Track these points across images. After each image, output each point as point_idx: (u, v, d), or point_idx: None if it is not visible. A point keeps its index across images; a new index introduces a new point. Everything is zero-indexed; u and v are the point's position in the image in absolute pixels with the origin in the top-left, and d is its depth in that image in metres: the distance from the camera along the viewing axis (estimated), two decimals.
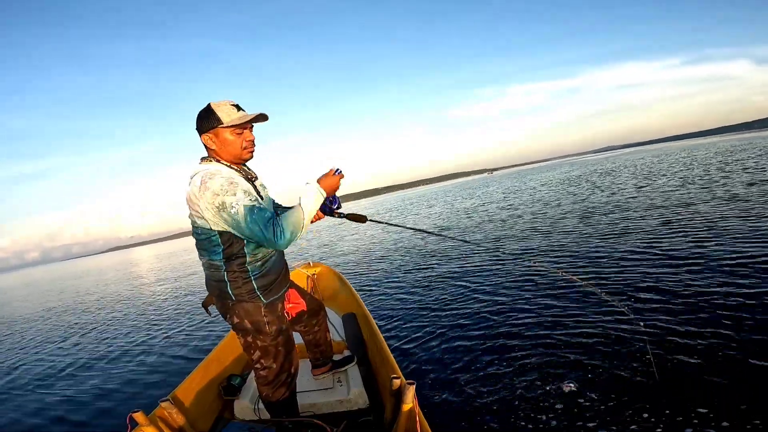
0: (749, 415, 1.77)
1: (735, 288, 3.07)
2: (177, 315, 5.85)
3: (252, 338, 1.71)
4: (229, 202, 1.44)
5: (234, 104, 1.58)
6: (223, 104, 1.57)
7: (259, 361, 1.76)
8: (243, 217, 1.43)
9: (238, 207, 1.44)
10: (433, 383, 2.53)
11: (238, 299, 1.64)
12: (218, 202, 1.44)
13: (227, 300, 1.66)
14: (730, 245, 4.16)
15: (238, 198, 1.45)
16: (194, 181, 1.54)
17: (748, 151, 17.30)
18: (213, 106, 1.56)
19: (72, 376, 3.95)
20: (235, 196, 1.45)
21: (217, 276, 1.63)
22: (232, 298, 1.64)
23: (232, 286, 1.62)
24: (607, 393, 2.11)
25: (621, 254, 4.60)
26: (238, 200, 1.44)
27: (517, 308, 3.56)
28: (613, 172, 19.86)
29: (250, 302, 1.65)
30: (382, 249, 8.84)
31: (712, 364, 2.18)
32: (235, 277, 1.60)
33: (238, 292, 1.62)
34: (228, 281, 1.61)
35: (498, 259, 5.64)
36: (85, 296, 10.11)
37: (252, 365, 1.81)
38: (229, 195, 1.44)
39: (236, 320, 1.68)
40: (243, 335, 1.73)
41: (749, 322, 2.53)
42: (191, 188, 1.55)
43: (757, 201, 6.17)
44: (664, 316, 2.83)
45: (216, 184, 1.46)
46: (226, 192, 1.44)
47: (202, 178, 1.50)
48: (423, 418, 1.53)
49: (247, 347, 1.75)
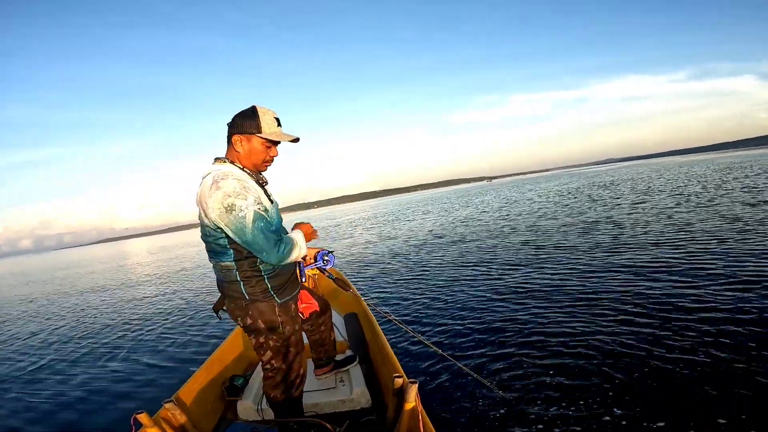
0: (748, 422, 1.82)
1: (736, 302, 3.13)
2: (179, 315, 5.80)
3: (264, 338, 1.70)
4: (239, 206, 1.44)
5: (276, 117, 1.59)
6: (268, 114, 1.57)
7: (269, 362, 1.74)
8: (250, 222, 1.44)
9: (247, 212, 1.45)
10: (435, 382, 2.56)
11: (252, 299, 1.63)
12: (227, 204, 1.44)
13: (240, 300, 1.64)
14: (726, 261, 4.22)
15: (249, 203, 1.46)
16: (206, 182, 1.53)
17: (746, 169, 17.44)
18: (259, 111, 1.55)
19: (75, 377, 3.87)
20: (246, 200, 1.46)
21: (230, 277, 1.62)
22: (246, 297, 1.63)
23: (245, 285, 1.61)
24: (607, 396, 2.16)
25: (611, 267, 4.66)
26: (249, 205, 1.45)
27: (518, 310, 3.63)
28: (611, 185, 19.99)
29: (264, 302, 1.65)
30: (382, 249, 8.87)
31: (707, 375, 2.23)
32: (248, 276, 1.60)
33: (251, 291, 1.62)
34: (241, 281, 1.61)
35: (498, 262, 5.69)
36: (83, 294, 10.04)
37: (261, 366, 1.80)
38: (240, 198, 1.45)
39: (249, 321, 1.67)
40: (255, 336, 1.71)
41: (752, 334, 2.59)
42: (202, 188, 1.54)
43: (750, 219, 6.26)
44: (655, 326, 2.88)
45: (229, 186, 1.46)
46: (237, 195, 1.45)
47: (214, 178, 1.50)
48: (426, 417, 1.55)
49: (259, 348, 1.73)
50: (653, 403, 2.08)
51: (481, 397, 2.32)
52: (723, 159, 36.54)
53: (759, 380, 2.13)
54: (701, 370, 2.31)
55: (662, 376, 2.31)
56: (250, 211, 1.44)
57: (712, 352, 2.47)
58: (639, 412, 2.01)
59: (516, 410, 2.15)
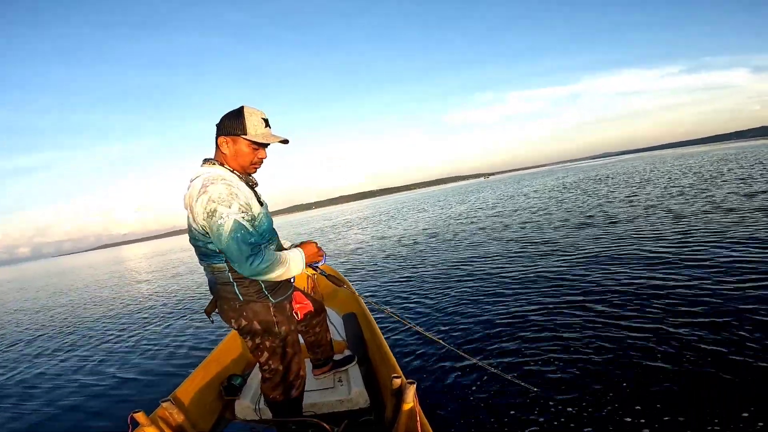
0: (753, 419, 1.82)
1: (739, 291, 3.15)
2: (177, 314, 5.82)
3: (260, 340, 1.67)
4: (220, 212, 1.41)
5: (265, 118, 1.56)
6: (255, 114, 1.53)
7: (267, 363, 1.71)
8: (227, 230, 1.41)
9: (227, 219, 1.41)
10: (433, 382, 2.56)
11: (246, 299, 1.61)
12: (210, 209, 1.41)
13: (234, 301, 1.62)
14: (730, 251, 4.24)
15: (232, 211, 1.42)
16: (194, 185, 1.50)
17: (740, 161, 17.54)
18: (245, 112, 1.52)
19: (72, 376, 3.89)
20: (230, 208, 1.42)
21: (222, 278, 1.60)
22: (240, 298, 1.61)
23: (239, 286, 1.59)
24: (608, 395, 2.15)
25: (608, 260, 4.68)
26: (230, 213, 1.42)
27: (518, 309, 3.62)
28: (608, 179, 20.06)
29: (259, 302, 1.63)
30: (381, 249, 8.87)
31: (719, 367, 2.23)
32: (241, 277, 1.57)
33: (245, 292, 1.60)
34: (234, 282, 1.58)
35: (498, 261, 5.69)
36: (81, 295, 10.01)
37: (259, 368, 1.78)
38: (223, 205, 1.41)
39: (244, 323, 1.64)
40: (251, 337, 1.68)
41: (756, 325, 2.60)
42: (190, 191, 1.51)
43: (747, 209, 6.29)
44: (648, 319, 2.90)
45: (215, 191, 1.43)
46: (222, 201, 1.42)
47: (203, 182, 1.47)
48: (423, 417, 1.55)
49: (255, 349, 1.70)
50: (654, 402, 2.08)
51: (480, 397, 2.31)
52: (717, 151, 36.73)
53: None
54: (700, 360, 2.32)
55: (658, 374, 2.31)
56: (230, 220, 1.41)
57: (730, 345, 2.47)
58: (641, 412, 2.00)
59: (516, 410, 2.14)
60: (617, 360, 2.48)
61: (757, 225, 5.24)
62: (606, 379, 2.30)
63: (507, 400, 2.24)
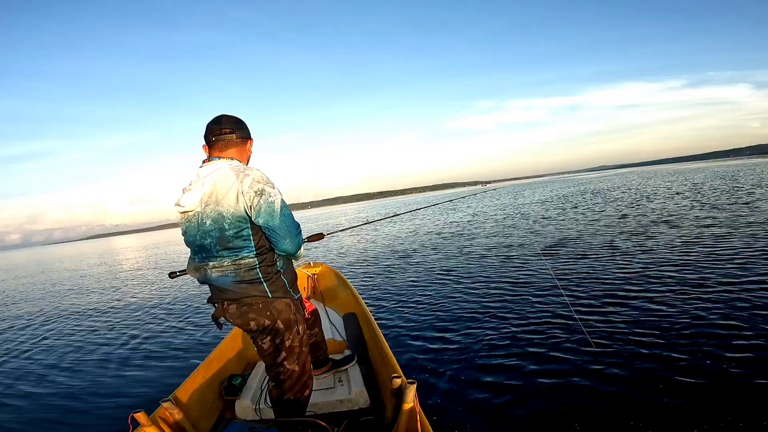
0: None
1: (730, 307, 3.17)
2: (177, 314, 5.75)
3: (281, 339, 1.65)
4: (269, 191, 1.53)
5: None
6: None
7: (282, 363, 1.68)
8: (279, 208, 1.54)
9: (276, 197, 1.55)
10: (434, 382, 2.57)
11: (274, 297, 1.60)
12: (258, 188, 1.51)
13: (259, 301, 1.58)
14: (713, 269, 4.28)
15: (276, 191, 1.57)
16: (221, 175, 1.52)
17: (733, 179, 17.72)
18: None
19: (72, 376, 3.80)
20: (274, 189, 1.57)
21: (249, 276, 1.56)
22: (269, 296, 1.59)
23: (268, 282, 1.58)
24: (608, 395, 2.18)
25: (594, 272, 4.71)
26: (276, 192, 1.56)
27: (517, 310, 3.65)
28: (604, 191, 20.20)
29: (284, 299, 1.63)
30: (381, 249, 8.87)
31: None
32: (268, 272, 1.58)
33: (274, 289, 1.59)
34: (263, 279, 1.57)
35: (498, 261, 5.70)
36: (80, 295, 9.87)
37: (272, 369, 1.73)
38: (269, 186, 1.55)
39: (267, 322, 1.61)
40: (272, 337, 1.65)
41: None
42: (216, 183, 1.52)
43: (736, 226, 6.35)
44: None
45: (257, 174, 1.56)
46: (266, 182, 1.55)
47: (234, 171, 1.53)
48: (424, 417, 1.55)
49: (274, 350, 1.67)
50: (653, 406, 2.10)
51: (480, 397, 2.32)
52: (715, 168, 37.09)
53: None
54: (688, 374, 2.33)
55: (657, 381, 2.32)
56: (278, 198, 1.54)
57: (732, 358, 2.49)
58: (647, 416, 2.02)
59: (516, 410, 2.16)
60: (617, 361, 2.52)
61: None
62: (606, 378, 2.34)
63: (507, 400, 2.25)
